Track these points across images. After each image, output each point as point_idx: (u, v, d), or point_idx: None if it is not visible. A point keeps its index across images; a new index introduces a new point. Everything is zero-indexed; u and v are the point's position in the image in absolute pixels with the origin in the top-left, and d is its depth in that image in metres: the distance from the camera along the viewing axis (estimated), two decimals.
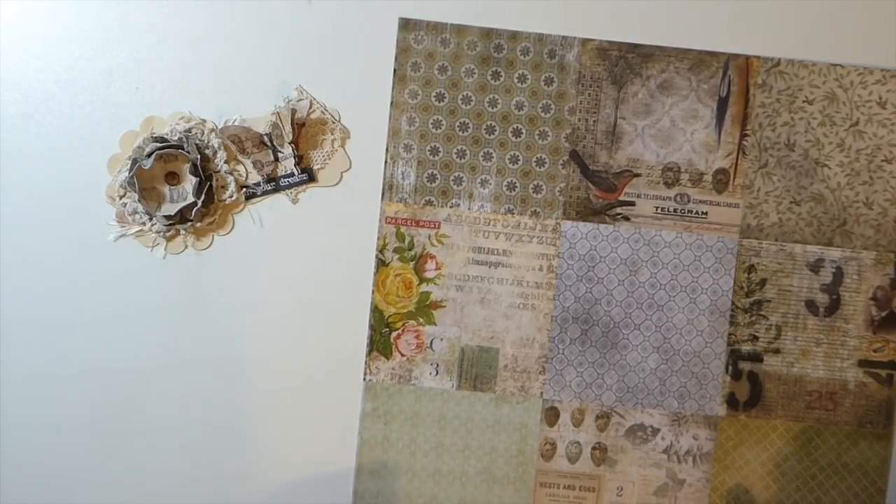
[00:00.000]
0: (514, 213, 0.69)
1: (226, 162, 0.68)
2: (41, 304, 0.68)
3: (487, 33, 0.68)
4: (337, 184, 0.69)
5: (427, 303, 0.69)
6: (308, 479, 0.69)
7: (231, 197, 0.68)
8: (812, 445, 0.70)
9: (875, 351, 0.70)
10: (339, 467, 0.69)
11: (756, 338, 0.70)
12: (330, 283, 0.69)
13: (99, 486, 0.69)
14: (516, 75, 0.69)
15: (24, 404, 0.68)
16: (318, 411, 0.69)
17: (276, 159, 0.68)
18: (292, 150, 0.68)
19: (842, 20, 0.69)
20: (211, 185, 0.68)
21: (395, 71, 0.68)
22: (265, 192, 0.69)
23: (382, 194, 0.69)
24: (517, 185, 0.69)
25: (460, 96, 0.69)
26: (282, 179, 0.68)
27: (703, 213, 0.69)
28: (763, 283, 0.70)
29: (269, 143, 0.68)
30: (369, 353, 0.69)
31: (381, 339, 0.69)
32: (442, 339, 0.69)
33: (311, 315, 0.69)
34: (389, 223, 0.69)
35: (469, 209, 0.69)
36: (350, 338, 0.69)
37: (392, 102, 0.68)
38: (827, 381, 0.70)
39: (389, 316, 0.69)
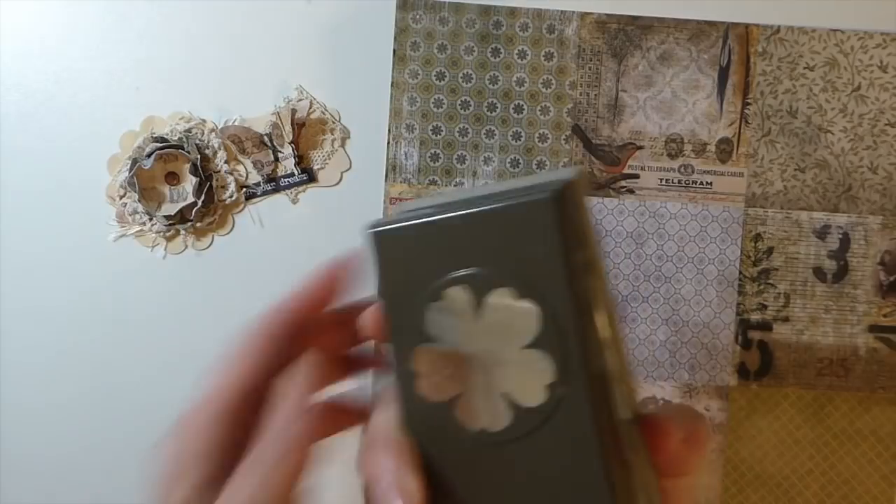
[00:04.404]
0: None
1: (226, 162, 0.68)
2: (41, 304, 0.68)
3: (486, 10, 0.68)
4: (337, 184, 0.69)
5: None
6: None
7: (231, 197, 0.68)
8: (824, 412, 0.70)
9: (885, 316, 0.70)
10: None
11: (765, 306, 0.70)
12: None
13: (100, 485, 0.69)
14: (516, 51, 0.69)
15: (24, 405, 0.68)
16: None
17: (276, 159, 0.68)
18: (292, 150, 0.67)
19: None
20: (211, 185, 0.67)
21: (394, 51, 0.68)
22: (265, 192, 0.68)
23: (385, 175, 0.69)
24: (520, 161, 0.69)
25: (461, 74, 0.69)
26: (282, 179, 0.68)
27: (707, 183, 0.69)
28: (770, 251, 0.69)
29: (269, 143, 0.68)
30: None
31: None
32: None
33: None
34: (394, 204, 0.69)
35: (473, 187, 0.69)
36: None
37: (392, 83, 0.68)
38: (837, 348, 0.70)
39: None
